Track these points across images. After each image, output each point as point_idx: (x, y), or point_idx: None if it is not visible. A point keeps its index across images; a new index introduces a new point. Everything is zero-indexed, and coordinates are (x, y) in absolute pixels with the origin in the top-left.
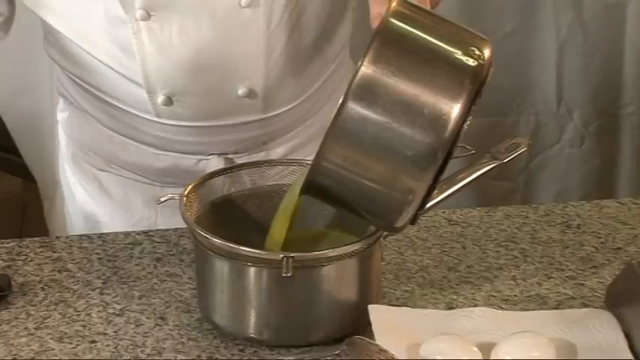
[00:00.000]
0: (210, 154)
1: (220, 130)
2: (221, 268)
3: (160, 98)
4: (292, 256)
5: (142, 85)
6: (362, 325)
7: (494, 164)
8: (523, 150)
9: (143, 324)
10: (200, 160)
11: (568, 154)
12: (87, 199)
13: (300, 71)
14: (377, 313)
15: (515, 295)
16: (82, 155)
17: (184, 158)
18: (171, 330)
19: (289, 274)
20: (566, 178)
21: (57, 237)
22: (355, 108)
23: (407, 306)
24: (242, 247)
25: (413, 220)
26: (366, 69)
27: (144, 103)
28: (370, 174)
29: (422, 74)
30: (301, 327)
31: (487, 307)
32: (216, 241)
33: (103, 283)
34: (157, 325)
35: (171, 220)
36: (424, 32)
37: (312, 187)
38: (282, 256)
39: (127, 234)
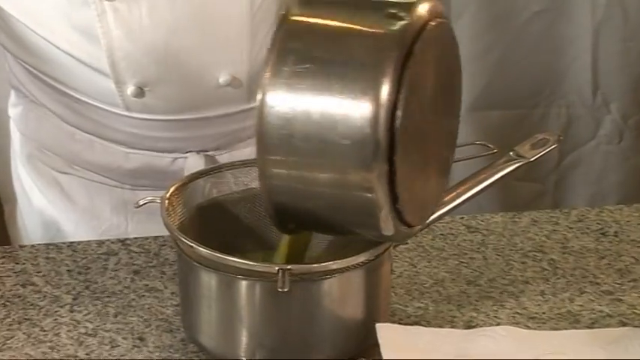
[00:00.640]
0: (187, 152)
1: (199, 123)
2: (208, 281)
3: (130, 89)
4: (289, 268)
5: (109, 74)
6: (369, 347)
7: (520, 163)
8: (553, 147)
9: (119, 345)
10: (176, 158)
11: (604, 152)
12: (45, 204)
13: None
14: (386, 333)
15: (543, 313)
16: (39, 155)
17: (158, 157)
18: (151, 352)
19: (286, 289)
20: (603, 179)
21: (20, 246)
22: (275, 113)
23: (420, 325)
24: (232, 258)
25: (423, 223)
26: (271, 73)
27: (111, 95)
28: (321, 179)
29: (337, 56)
30: (299, 349)
31: (511, 325)
32: (203, 250)
33: (74, 299)
34: (134, 346)
35: (145, 227)
36: (331, 14)
37: (280, 214)
38: (277, 268)
39: (100, 243)
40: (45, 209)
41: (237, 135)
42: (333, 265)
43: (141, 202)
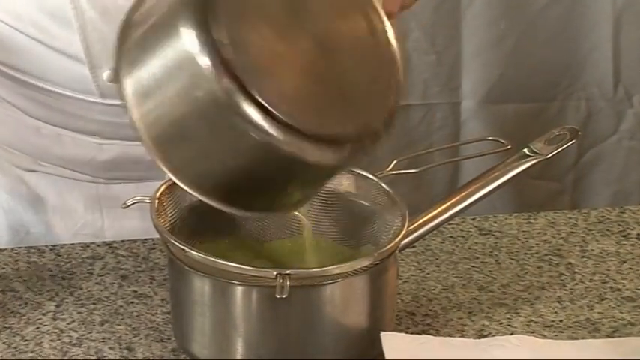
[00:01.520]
0: None
1: None
2: (201, 287)
3: (106, 73)
4: (288, 273)
5: (83, 59)
6: (373, 357)
7: (536, 160)
8: (571, 143)
9: (106, 355)
10: None
11: (627, 148)
12: (12, 206)
13: None
14: (391, 343)
15: (560, 321)
16: (1, 154)
17: (134, 146)
18: None
19: (284, 295)
20: (624, 177)
21: (0, 249)
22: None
23: (428, 333)
24: (226, 262)
25: (346, 130)
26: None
27: (84, 82)
28: (179, 106)
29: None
30: (299, 359)
31: (526, 334)
32: (195, 254)
33: (57, 306)
34: (122, 356)
35: (122, 224)
36: None
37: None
38: (275, 272)
39: (85, 246)
40: (11, 212)
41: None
42: (335, 269)
43: (129, 202)
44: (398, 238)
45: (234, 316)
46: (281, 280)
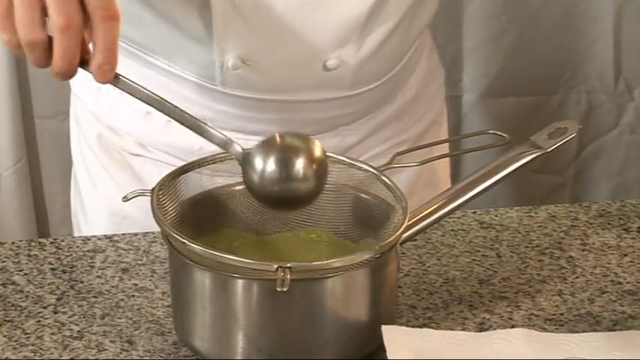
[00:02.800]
0: None
1: (296, 106)
2: (202, 280)
3: (231, 60)
4: (289, 267)
5: (211, 44)
6: (374, 351)
7: (537, 154)
8: (572, 136)
9: (107, 349)
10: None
11: (627, 142)
12: (114, 190)
13: (389, 45)
14: (392, 336)
15: (561, 314)
16: (109, 136)
17: (243, 139)
18: (140, 356)
19: (285, 289)
20: (625, 170)
21: (0, 242)
22: None
23: (429, 327)
24: (227, 255)
25: None
26: None
27: (209, 67)
28: None
29: None
30: (300, 353)
31: (527, 328)
32: (196, 247)
33: (58, 300)
34: (123, 350)
35: None
36: None
37: None
38: (276, 266)
39: (85, 239)
40: (113, 196)
41: (331, 122)
42: (335, 262)
43: (130, 196)
44: (399, 232)
45: (235, 309)
46: (282, 274)
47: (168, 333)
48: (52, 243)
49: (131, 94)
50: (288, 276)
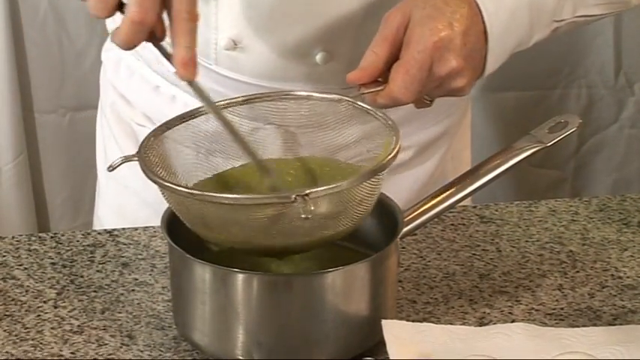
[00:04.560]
0: (268, 124)
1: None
2: (202, 275)
3: (224, 40)
4: (307, 193)
5: (210, 19)
6: (374, 345)
7: (537, 148)
8: (572, 131)
9: (107, 343)
10: (256, 128)
11: (628, 136)
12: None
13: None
14: (392, 330)
15: (561, 309)
16: (121, 104)
17: (237, 124)
18: (140, 351)
19: (310, 216)
20: (625, 165)
21: (0, 237)
22: None
23: (429, 321)
24: (242, 196)
25: None
26: None
27: (204, 44)
28: None
29: None
30: (300, 347)
31: (527, 322)
32: (195, 191)
33: (58, 294)
34: (123, 344)
35: None
36: None
37: None
38: (294, 195)
39: (86, 234)
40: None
41: (323, 117)
42: (344, 184)
43: (115, 164)
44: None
45: (235, 303)
46: (303, 202)
47: (169, 327)
48: (52, 237)
49: (200, 100)
50: (310, 203)
